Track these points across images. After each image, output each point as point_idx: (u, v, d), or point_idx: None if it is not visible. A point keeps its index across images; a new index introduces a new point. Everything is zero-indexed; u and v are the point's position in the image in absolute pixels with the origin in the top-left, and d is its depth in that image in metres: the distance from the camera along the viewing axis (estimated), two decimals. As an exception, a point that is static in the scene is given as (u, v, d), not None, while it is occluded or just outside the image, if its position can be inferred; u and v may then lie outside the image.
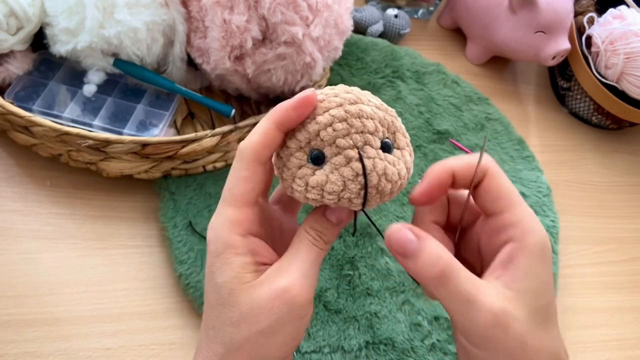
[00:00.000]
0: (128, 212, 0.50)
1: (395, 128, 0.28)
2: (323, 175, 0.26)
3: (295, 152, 0.27)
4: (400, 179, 0.27)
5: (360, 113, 0.27)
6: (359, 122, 0.26)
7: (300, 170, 0.27)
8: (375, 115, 0.27)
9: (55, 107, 0.51)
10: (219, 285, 0.27)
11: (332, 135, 0.26)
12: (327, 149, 0.27)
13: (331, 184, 0.26)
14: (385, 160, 0.27)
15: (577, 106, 0.72)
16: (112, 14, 0.48)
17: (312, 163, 0.27)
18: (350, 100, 0.27)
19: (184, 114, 0.56)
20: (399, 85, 0.64)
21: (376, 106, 0.28)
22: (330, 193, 0.26)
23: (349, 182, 0.26)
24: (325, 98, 0.27)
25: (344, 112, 0.26)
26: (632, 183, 0.68)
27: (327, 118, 0.26)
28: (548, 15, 0.63)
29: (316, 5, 0.48)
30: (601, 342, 0.53)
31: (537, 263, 0.26)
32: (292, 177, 0.28)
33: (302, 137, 0.27)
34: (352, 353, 0.45)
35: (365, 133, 0.26)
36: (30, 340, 0.41)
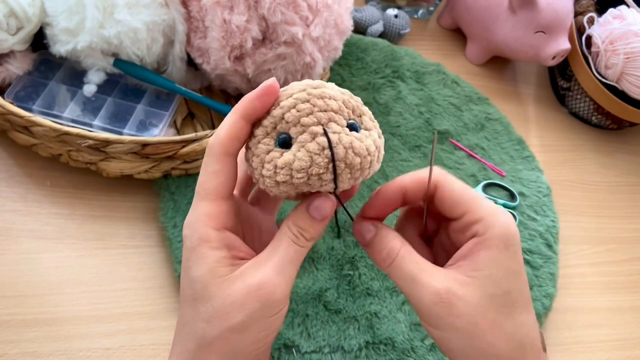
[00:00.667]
0: (128, 212, 0.50)
1: (361, 112, 0.29)
2: (290, 154, 0.26)
3: (263, 139, 0.27)
4: (369, 154, 0.27)
5: (322, 94, 0.27)
6: (322, 102, 0.27)
7: (269, 155, 0.27)
8: (339, 97, 0.27)
9: (55, 107, 0.51)
10: (194, 279, 0.27)
11: (296, 116, 0.26)
12: (292, 129, 0.26)
13: (299, 161, 0.26)
14: (351, 135, 0.27)
15: (577, 106, 0.72)
16: (112, 14, 0.48)
17: (280, 147, 0.27)
18: (313, 85, 0.28)
19: (184, 114, 0.56)
20: (399, 85, 0.64)
21: (340, 91, 0.28)
22: (298, 171, 0.26)
23: (315, 157, 0.26)
24: (289, 87, 0.28)
25: (306, 94, 0.27)
26: (632, 183, 0.68)
27: (291, 102, 0.27)
28: (548, 15, 0.63)
29: (316, 5, 0.48)
30: (601, 342, 0.53)
31: (498, 253, 0.27)
32: (261, 164, 0.27)
33: (268, 122, 0.27)
34: (352, 353, 0.45)
35: (329, 111, 0.26)
36: (30, 340, 0.41)
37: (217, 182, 0.28)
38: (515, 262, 0.28)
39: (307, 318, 0.45)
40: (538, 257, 0.53)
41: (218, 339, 0.27)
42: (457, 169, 0.59)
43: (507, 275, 0.27)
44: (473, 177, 0.59)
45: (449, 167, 0.59)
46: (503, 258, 0.27)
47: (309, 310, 0.46)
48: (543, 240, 0.55)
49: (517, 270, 0.28)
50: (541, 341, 0.29)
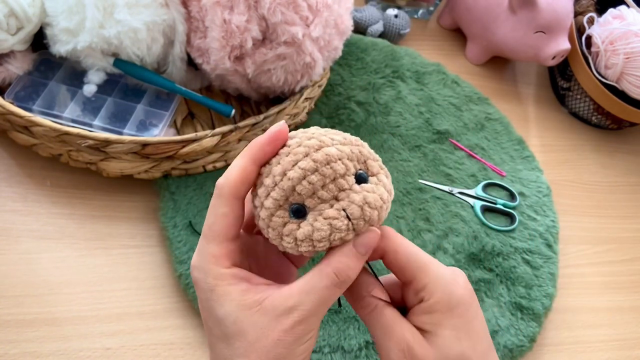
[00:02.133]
0: (128, 212, 0.50)
1: (364, 157, 0.29)
2: (308, 226, 0.27)
3: (277, 212, 0.27)
4: (384, 202, 0.28)
5: (327, 159, 0.27)
6: (330, 170, 0.27)
7: (286, 227, 0.27)
8: (342, 154, 0.28)
9: (56, 107, 0.51)
10: (221, 318, 0.27)
11: (309, 189, 0.27)
12: (307, 200, 0.27)
13: (318, 232, 0.27)
14: (363, 191, 0.27)
15: (577, 106, 0.72)
16: (112, 14, 0.48)
17: (295, 217, 0.27)
18: (314, 146, 0.27)
19: (184, 114, 0.56)
20: (399, 85, 0.64)
21: (340, 143, 0.28)
22: (320, 241, 0.27)
23: (335, 222, 0.27)
24: (289, 150, 0.28)
25: (312, 162, 0.27)
26: (632, 183, 0.68)
27: (299, 172, 0.27)
28: (548, 15, 0.63)
29: (316, 5, 0.48)
30: (601, 342, 0.53)
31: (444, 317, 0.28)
32: (279, 236, 0.28)
33: (279, 195, 0.27)
34: (352, 353, 0.45)
35: (338, 179, 0.27)
36: (30, 340, 0.41)
37: (226, 225, 0.28)
38: (465, 321, 0.29)
39: (307, 318, 0.45)
40: (538, 257, 0.54)
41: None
42: (457, 169, 0.59)
43: (457, 337, 0.28)
44: (473, 177, 0.59)
45: (449, 167, 0.59)
46: (450, 321, 0.28)
47: (309, 310, 0.46)
48: (543, 240, 0.55)
49: (470, 329, 0.29)
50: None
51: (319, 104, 0.60)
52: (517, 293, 0.51)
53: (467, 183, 0.58)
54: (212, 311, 0.28)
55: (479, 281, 0.51)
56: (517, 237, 0.55)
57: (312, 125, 0.59)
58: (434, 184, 0.57)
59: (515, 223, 0.55)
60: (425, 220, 0.54)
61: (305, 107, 0.56)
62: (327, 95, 0.61)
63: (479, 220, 0.55)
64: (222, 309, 0.27)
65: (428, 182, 0.57)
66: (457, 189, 0.57)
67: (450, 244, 0.53)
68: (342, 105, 0.60)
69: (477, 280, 0.51)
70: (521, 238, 0.55)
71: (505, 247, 0.53)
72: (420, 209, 0.55)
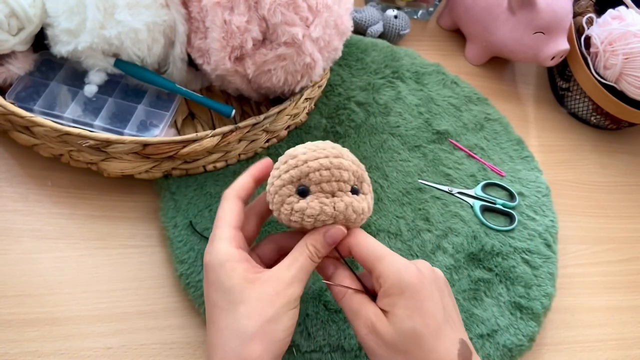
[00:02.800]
0: (129, 212, 0.50)
1: (363, 179, 0.39)
2: (305, 203, 0.36)
3: (287, 185, 0.36)
4: (362, 212, 0.37)
5: (340, 165, 0.37)
6: (339, 173, 0.36)
7: (289, 198, 0.36)
8: (350, 168, 0.37)
9: (56, 107, 0.51)
10: (229, 288, 0.35)
11: (319, 178, 0.36)
12: (312, 187, 0.36)
13: (310, 209, 0.36)
14: (352, 198, 0.37)
15: (576, 106, 0.72)
16: (112, 15, 0.48)
17: (298, 194, 0.36)
18: (335, 154, 0.37)
19: (185, 114, 0.56)
20: (399, 85, 0.64)
21: (352, 161, 0.38)
22: (309, 216, 0.36)
23: (325, 207, 0.36)
24: (316, 147, 0.37)
25: (329, 162, 0.36)
26: (631, 183, 0.68)
27: (317, 165, 0.36)
28: (547, 15, 0.63)
29: (316, 6, 0.48)
30: (600, 342, 0.53)
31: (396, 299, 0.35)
32: (281, 202, 0.37)
33: (295, 173, 0.36)
34: (352, 352, 0.45)
35: (341, 181, 0.36)
36: (31, 340, 0.42)
37: (231, 214, 0.38)
38: (414, 302, 0.34)
39: (307, 317, 0.45)
40: (537, 256, 0.54)
41: (259, 330, 0.34)
42: (456, 169, 0.59)
43: (409, 315, 0.34)
44: (472, 177, 0.59)
45: (448, 167, 0.59)
46: (401, 302, 0.34)
47: (309, 310, 0.46)
48: (542, 240, 0.55)
49: (419, 308, 0.34)
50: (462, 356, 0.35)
51: (319, 105, 0.60)
52: (516, 293, 0.51)
53: (467, 183, 0.58)
54: (220, 284, 0.35)
55: (479, 281, 0.51)
56: (517, 237, 0.55)
57: (312, 125, 0.59)
58: (433, 184, 0.57)
59: (514, 223, 0.56)
60: (424, 220, 0.54)
61: (305, 107, 0.57)
62: (327, 96, 0.61)
63: (479, 220, 0.55)
64: (231, 281, 0.35)
65: (427, 182, 0.57)
66: (457, 189, 0.57)
67: (449, 243, 0.53)
68: (342, 105, 0.61)
69: (477, 280, 0.51)
70: (520, 238, 0.55)
71: (504, 247, 0.54)
72: (420, 209, 0.55)
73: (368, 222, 0.52)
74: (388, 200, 0.55)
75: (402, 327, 0.34)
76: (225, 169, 0.52)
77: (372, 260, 0.36)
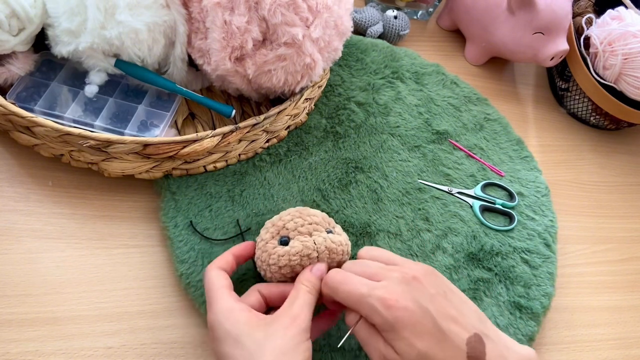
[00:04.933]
0: (129, 212, 0.50)
1: (334, 225, 0.45)
2: (288, 247, 0.41)
3: (270, 240, 0.42)
4: (341, 244, 0.42)
5: (309, 214, 0.43)
6: (309, 218, 0.43)
7: (274, 249, 0.41)
8: (320, 216, 0.44)
9: (57, 107, 0.51)
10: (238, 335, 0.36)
11: (293, 226, 0.42)
12: (291, 233, 0.42)
13: (294, 248, 0.41)
14: (328, 235, 0.42)
15: (576, 107, 0.72)
16: (113, 15, 0.48)
17: (281, 244, 0.41)
18: (302, 210, 0.44)
19: (185, 114, 0.56)
20: (399, 85, 0.64)
21: (320, 214, 0.44)
22: (294, 254, 0.40)
23: (306, 243, 0.41)
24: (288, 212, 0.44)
25: (299, 213, 0.43)
26: (630, 183, 0.68)
27: (289, 217, 0.43)
28: (547, 16, 0.63)
29: (316, 6, 0.48)
30: (600, 341, 0.53)
31: (392, 335, 0.35)
32: (268, 256, 0.41)
33: (274, 230, 0.42)
34: (352, 352, 0.45)
35: (313, 224, 0.43)
36: (31, 340, 0.42)
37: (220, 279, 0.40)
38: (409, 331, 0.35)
39: (308, 317, 0.45)
40: (537, 256, 0.54)
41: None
42: (456, 169, 0.59)
43: (410, 345, 0.34)
44: (472, 177, 0.59)
45: (448, 167, 0.59)
46: (396, 336, 0.35)
47: (309, 310, 0.46)
48: (542, 240, 0.55)
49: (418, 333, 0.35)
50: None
51: (318, 105, 0.60)
52: (515, 292, 0.51)
53: (466, 183, 0.58)
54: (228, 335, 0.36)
55: (478, 281, 0.51)
56: (516, 237, 0.55)
57: (312, 125, 0.59)
58: (433, 184, 0.57)
59: (514, 223, 0.56)
60: (424, 220, 0.54)
61: (305, 107, 0.57)
62: (327, 96, 0.61)
63: (478, 220, 0.55)
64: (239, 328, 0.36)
65: (427, 182, 0.57)
66: (456, 189, 0.58)
67: (449, 243, 0.53)
68: (342, 105, 0.61)
69: (476, 280, 0.51)
70: (520, 238, 0.55)
71: (504, 247, 0.54)
72: (420, 209, 0.55)
73: (368, 222, 0.53)
74: (388, 200, 0.55)
75: (409, 357, 0.34)
76: (225, 169, 0.52)
77: (353, 305, 0.37)
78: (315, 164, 0.55)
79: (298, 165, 0.55)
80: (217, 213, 0.49)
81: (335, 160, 0.56)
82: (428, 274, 0.38)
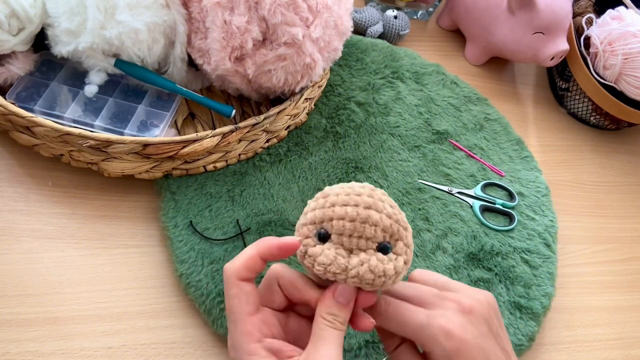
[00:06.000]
0: (129, 212, 0.50)
1: (399, 236, 0.33)
2: (320, 249, 0.32)
3: (309, 224, 0.33)
4: (384, 276, 0.32)
5: (367, 219, 0.32)
6: (362, 228, 0.32)
7: (307, 239, 0.33)
8: (380, 223, 0.32)
9: (57, 107, 0.51)
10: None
11: (339, 229, 0.32)
12: (334, 235, 0.32)
13: (323, 257, 0.32)
14: (374, 256, 0.32)
15: (576, 106, 0.72)
16: (113, 15, 0.48)
17: (317, 238, 0.33)
18: (367, 204, 0.32)
19: (185, 114, 0.56)
20: (399, 85, 0.64)
21: (388, 215, 0.33)
22: (319, 264, 0.32)
23: (339, 258, 0.32)
24: (350, 192, 0.33)
25: (355, 213, 0.32)
26: (630, 183, 0.68)
27: (342, 212, 0.32)
28: (547, 16, 0.63)
29: (316, 6, 0.48)
30: (600, 341, 0.53)
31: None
32: (299, 242, 0.33)
33: (319, 215, 0.33)
34: (352, 352, 0.45)
35: (363, 238, 0.32)
36: (31, 340, 0.42)
37: (239, 304, 0.32)
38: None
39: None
40: (537, 256, 0.54)
41: None
42: (456, 169, 0.59)
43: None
44: (472, 177, 0.59)
45: (448, 167, 0.59)
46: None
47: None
48: (542, 240, 0.55)
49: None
50: None
51: (318, 105, 0.60)
52: (516, 292, 0.51)
53: (466, 183, 0.58)
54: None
55: (478, 281, 0.51)
56: (516, 237, 0.55)
57: (312, 125, 0.59)
58: (433, 184, 0.57)
59: (514, 223, 0.56)
60: (424, 220, 0.54)
61: (305, 107, 0.57)
62: (327, 96, 0.61)
63: (478, 220, 0.55)
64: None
65: (427, 182, 0.57)
66: (456, 189, 0.57)
67: (449, 243, 0.53)
68: (342, 105, 0.61)
69: (476, 280, 0.51)
70: (520, 238, 0.55)
71: (504, 247, 0.54)
72: (420, 209, 0.55)
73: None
74: (388, 200, 0.55)
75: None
76: (225, 169, 0.52)
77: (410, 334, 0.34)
78: (315, 164, 0.55)
79: (298, 165, 0.55)
80: (217, 213, 0.49)
81: (335, 160, 0.56)
82: (484, 306, 0.36)
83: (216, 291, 0.45)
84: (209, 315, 0.44)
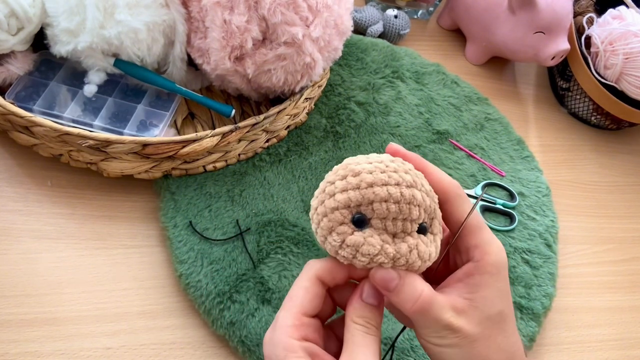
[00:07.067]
0: (128, 212, 0.50)
1: (434, 215, 0.30)
2: (361, 237, 0.28)
3: (342, 209, 0.28)
4: (429, 259, 0.29)
5: (412, 199, 0.28)
6: (408, 209, 0.28)
7: (341, 226, 0.28)
8: (423, 203, 0.29)
9: (56, 107, 0.51)
10: None
11: (383, 212, 0.28)
12: (374, 220, 0.28)
13: (368, 246, 0.28)
14: (418, 239, 0.29)
15: (577, 106, 0.72)
16: (112, 15, 0.48)
17: (354, 224, 0.28)
18: (408, 182, 0.29)
19: (184, 114, 0.56)
20: (399, 85, 0.64)
21: (426, 192, 0.30)
22: (363, 254, 0.28)
23: (386, 246, 0.28)
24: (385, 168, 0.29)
25: (399, 194, 0.28)
26: (631, 183, 0.68)
27: (385, 194, 0.28)
28: (547, 15, 0.63)
29: (316, 5, 0.48)
30: (600, 342, 0.53)
31: (490, 277, 0.30)
32: (329, 230, 0.29)
33: (355, 197, 0.28)
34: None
35: (408, 220, 0.28)
36: (30, 340, 0.41)
37: (303, 297, 0.30)
38: (505, 284, 0.31)
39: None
40: (537, 256, 0.54)
41: None
42: (456, 169, 0.59)
43: (500, 296, 0.30)
44: (472, 177, 0.59)
45: (448, 167, 0.59)
46: (496, 281, 0.30)
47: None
48: (542, 240, 0.55)
49: (507, 291, 0.31)
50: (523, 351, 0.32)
51: (318, 104, 0.60)
52: (516, 293, 0.51)
53: (467, 183, 0.58)
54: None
55: (479, 281, 0.51)
56: (517, 237, 0.55)
57: (312, 125, 0.59)
58: (433, 184, 0.57)
59: (514, 223, 0.55)
60: (425, 220, 0.54)
61: (305, 107, 0.56)
62: (327, 96, 0.61)
63: (479, 220, 0.55)
64: None
65: (428, 182, 0.57)
66: (457, 189, 0.57)
67: (449, 243, 0.53)
68: (342, 105, 0.61)
69: (477, 280, 0.51)
70: (521, 238, 0.55)
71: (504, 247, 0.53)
72: (420, 209, 0.55)
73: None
74: (388, 200, 0.55)
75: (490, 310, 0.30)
76: (225, 169, 0.52)
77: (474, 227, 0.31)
78: (315, 163, 0.55)
79: (298, 165, 0.55)
80: (217, 213, 0.49)
81: (336, 160, 0.56)
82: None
83: (216, 291, 0.45)
84: (208, 315, 0.44)
